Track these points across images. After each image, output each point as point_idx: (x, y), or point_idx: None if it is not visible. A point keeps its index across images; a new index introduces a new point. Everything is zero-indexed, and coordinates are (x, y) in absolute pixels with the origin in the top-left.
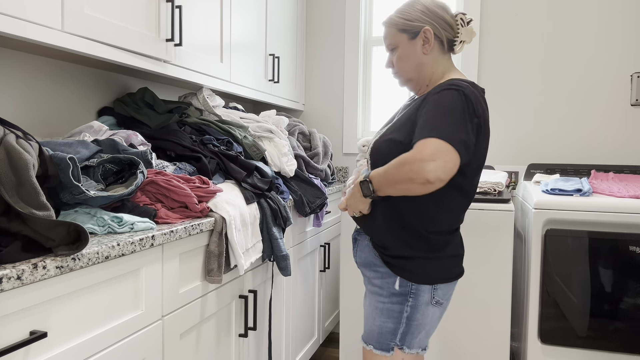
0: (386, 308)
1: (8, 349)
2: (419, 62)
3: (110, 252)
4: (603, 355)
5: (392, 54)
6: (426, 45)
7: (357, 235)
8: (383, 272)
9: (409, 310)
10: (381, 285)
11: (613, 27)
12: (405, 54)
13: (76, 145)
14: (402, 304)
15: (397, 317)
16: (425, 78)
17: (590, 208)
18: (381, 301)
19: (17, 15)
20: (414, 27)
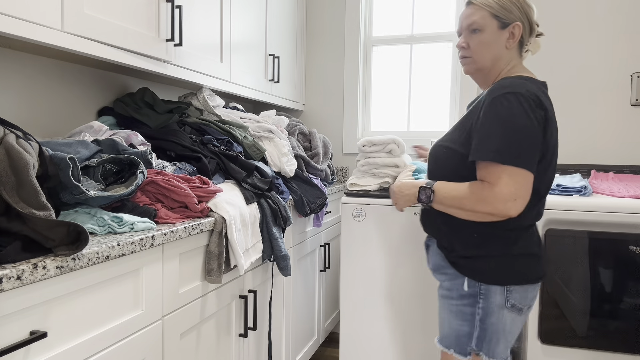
0: (459, 310)
1: (8, 349)
2: (498, 55)
3: (110, 252)
4: (603, 355)
5: (471, 36)
6: (510, 40)
7: (428, 241)
8: (451, 274)
9: (480, 312)
10: (450, 288)
11: (613, 27)
12: (489, 41)
13: (76, 145)
14: (473, 306)
15: (470, 320)
16: (496, 73)
17: (590, 208)
18: (453, 304)
19: (17, 15)
20: (507, 17)
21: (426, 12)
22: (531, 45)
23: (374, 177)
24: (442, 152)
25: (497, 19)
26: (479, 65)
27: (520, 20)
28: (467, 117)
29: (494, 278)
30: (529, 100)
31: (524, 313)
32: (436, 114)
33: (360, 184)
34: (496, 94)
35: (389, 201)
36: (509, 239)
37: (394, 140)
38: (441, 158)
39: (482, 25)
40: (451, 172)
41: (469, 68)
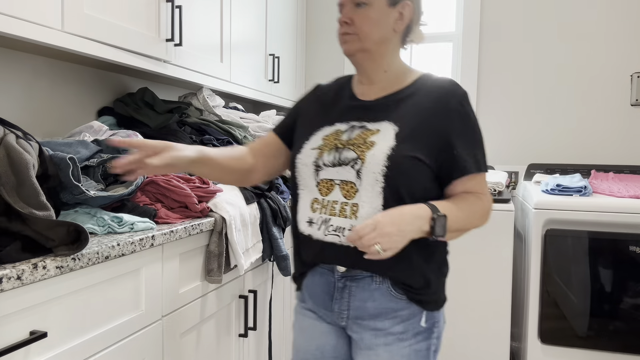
0: (412, 351)
1: (8, 349)
2: (385, 36)
3: (110, 252)
4: (603, 355)
5: (356, 10)
6: (399, 22)
7: (347, 281)
8: (405, 315)
9: (435, 342)
10: (404, 330)
11: (613, 27)
12: (377, 18)
13: (76, 145)
14: (429, 339)
15: (426, 355)
16: (381, 59)
17: (590, 208)
18: (406, 345)
19: (17, 15)
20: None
21: (426, 12)
22: (415, 35)
23: None
24: (413, 166)
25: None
26: (365, 45)
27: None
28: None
29: (443, 300)
30: None
31: None
32: None
33: None
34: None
35: None
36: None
37: None
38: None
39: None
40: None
41: (350, 47)
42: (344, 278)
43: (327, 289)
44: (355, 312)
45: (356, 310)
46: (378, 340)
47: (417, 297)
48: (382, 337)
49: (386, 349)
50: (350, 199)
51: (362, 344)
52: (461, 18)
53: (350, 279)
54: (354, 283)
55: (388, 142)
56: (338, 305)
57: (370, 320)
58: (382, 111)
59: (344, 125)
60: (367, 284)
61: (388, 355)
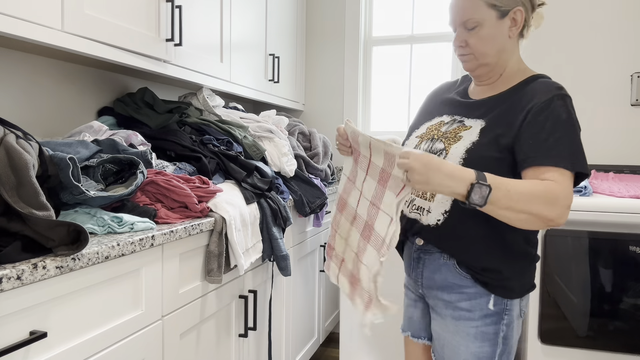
0: (480, 332)
1: (8, 349)
2: (503, 47)
3: (110, 252)
4: (603, 355)
5: (469, 32)
6: (513, 28)
7: (421, 253)
8: (472, 293)
9: (504, 329)
10: (470, 308)
11: (613, 27)
12: (491, 35)
13: (76, 145)
14: (497, 324)
15: (493, 339)
16: (502, 66)
17: (590, 208)
18: (473, 325)
19: (17, 15)
20: (505, 4)
21: (426, 12)
22: (534, 20)
23: None
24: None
25: (494, 9)
26: (483, 62)
27: (521, 4)
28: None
29: (521, 292)
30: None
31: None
32: None
33: None
34: (551, 96)
35: None
36: (530, 247)
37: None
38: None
39: (479, 19)
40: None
41: (470, 65)
42: (419, 250)
43: (408, 259)
44: (427, 281)
45: (427, 280)
46: (447, 311)
47: (482, 279)
48: (451, 310)
49: (454, 322)
50: None
51: (435, 311)
52: None
53: (423, 252)
54: (426, 256)
55: (472, 138)
56: (414, 274)
57: (439, 291)
58: (482, 109)
59: (447, 118)
60: (437, 258)
61: (454, 328)
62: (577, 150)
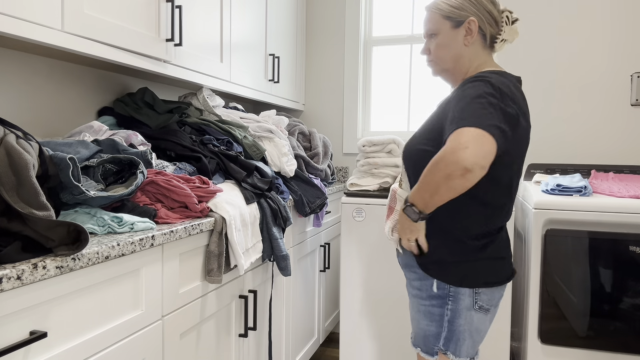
0: (427, 310)
1: (8, 349)
2: (458, 53)
3: (110, 252)
4: (603, 355)
5: (431, 41)
6: (468, 37)
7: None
8: (421, 274)
9: (449, 313)
10: (420, 287)
11: (613, 27)
12: (445, 43)
13: (76, 145)
14: (442, 307)
15: (439, 321)
16: (462, 71)
17: (590, 208)
18: (422, 303)
19: (17, 15)
20: (459, 16)
21: None
22: (506, 34)
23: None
24: (420, 154)
25: (448, 20)
26: (442, 67)
27: (475, 15)
28: (439, 116)
29: (462, 281)
30: (498, 88)
31: (490, 312)
32: None
33: (360, 184)
34: (467, 81)
35: None
36: (477, 246)
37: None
38: (419, 160)
39: (436, 29)
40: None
41: (433, 71)
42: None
43: None
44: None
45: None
46: (409, 288)
47: (420, 262)
48: (410, 287)
49: (412, 299)
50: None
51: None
52: None
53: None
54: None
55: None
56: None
57: (404, 269)
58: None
59: None
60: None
61: (411, 304)
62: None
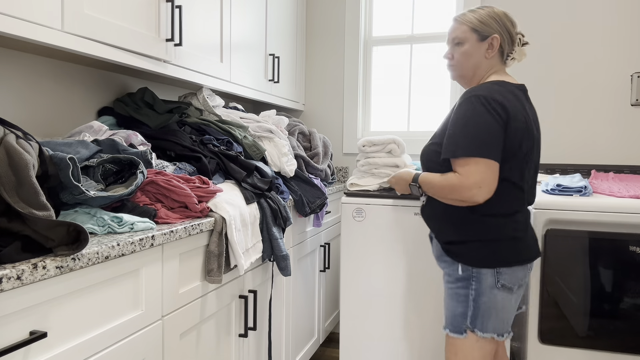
0: (454, 293)
1: (8, 349)
2: (478, 63)
3: (110, 252)
4: (603, 355)
5: (455, 48)
6: (489, 51)
7: (431, 233)
8: (448, 261)
9: (473, 293)
10: (450, 273)
11: (613, 28)
12: (470, 52)
13: (76, 145)
14: (467, 288)
15: (464, 301)
16: (476, 79)
17: (590, 208)
18: (450, 287)
19: (17, 15)
20: (485, 31)
21: (426, 12)
22: (516, 54)
23: (374, 177)
24: (432, 150)
25: (476, 33)
26: (461, 73)
27: (498, 33)
28: (448, 118)
29: (483, 262)
30: (489, 101)
31: (514, 292)
32: (436, 114)
33: (360, 184)
34: (463, 98)
35: (389, 201)
36: (492, 225)
37: (394, 140)
38: (432, 156)
39: (464, 39)
40: (440, 168)
41: (453, 75)
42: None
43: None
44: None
45: (434, 252)
46: (445, 275)
47: (447, 250)
48: (445, 275)
49: (444, 285)
50: None
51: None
52: None
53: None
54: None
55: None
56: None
57: (437, 261)
58: None
59: None
60: (431, 237)
61: (445, 290)
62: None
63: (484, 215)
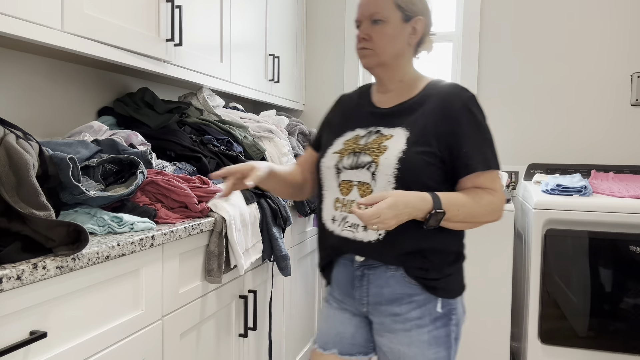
0: (433, 337)
1: (8, 349)
2: (401, 51)
3: (110, 252)
4: (603, 355)
5: (373, 27)
6: (412, 36)
7: (365, 269)
8: (422, 300)
9: (454, 329)
10: (420, 315)
11: (613, 27)
12: (394, 34)
13: (76, 145)
14: (447, 326)
15: (446, 342)
16: (399, 72)
17: (590, 208)
18: (425, 332)
19: (17, 15)
20: (410, 10)
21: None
22: (426, 45)
23: None
24: (420, 165)
25: (400, 10)
26: (382, 60)
27: (422, 15)
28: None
29: (460, 289)
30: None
31: None
32: None
33: None
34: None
35: None
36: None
37: None
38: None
39: (386, 16)
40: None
41: (369, 61)
42: (362, 267)
43: (349, 277)
44: (374, 298)
45: (374, 296)
46: (397, 326)
47: (430, 284)
48: (401, 323)
49: (406, 335)
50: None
51: (383, 328)
52: (461, 18)
53: (367, 267)
54: (371, 271)
55: (400, 146)
56: (359, 292)
57: (388, 306)
58: (397, 118)
59: (362, 131)
60: (383, 272)
61: (408, 340)
62: (494, 148)
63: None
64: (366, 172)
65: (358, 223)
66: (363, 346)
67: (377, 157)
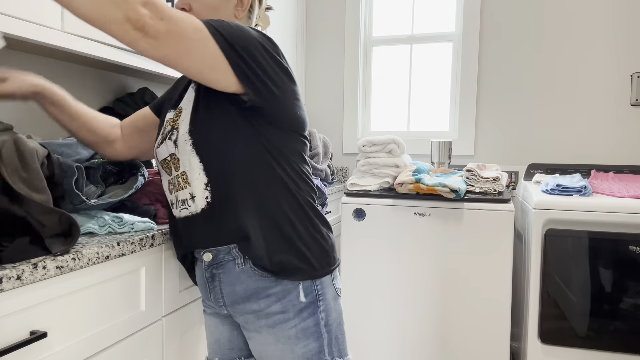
0: (300, 330)
1: (8, 349)
2: None
3: (110, 252)
4: (603, 355)
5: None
6: (239, 9)
7: (213, 269)
8: (279, 292)
9: (324, 316)
10: (283, 309)
11: (613, 27)
12: (216, 5)
13: (76, 146)
14: (315, 314)
15: (316, 332)
16: None
17: (590, 208)
18: (291, 326)
19: (17, 15)
20: None
21: (426, 12)
22: (261, 20)
23: (374, 177)
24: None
25: None
26: None
27: None
28: None
29: (326, 268)
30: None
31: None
32: (436, 114)
33: (361, 184)
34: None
35: (389, 201)
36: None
37: (394, 140)
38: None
39: None
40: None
41: None
42: (210, 267)
43: (203, 280)
44: (229, 298)
45: (229, 296)
46: (261, 322)
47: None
48: (264, 319)
49: (270, 331)
50: (178, 170)
51: (248, 327)
52: (461, 18)
53: (215, 266)
54: (220, 270)
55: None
56: (214, 295)
57: (246, 303)
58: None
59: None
60: (231, 268)
61: (273, 338)
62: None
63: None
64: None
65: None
66: (243, 349)
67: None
